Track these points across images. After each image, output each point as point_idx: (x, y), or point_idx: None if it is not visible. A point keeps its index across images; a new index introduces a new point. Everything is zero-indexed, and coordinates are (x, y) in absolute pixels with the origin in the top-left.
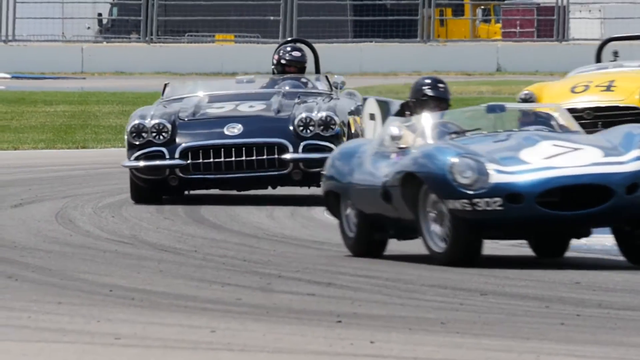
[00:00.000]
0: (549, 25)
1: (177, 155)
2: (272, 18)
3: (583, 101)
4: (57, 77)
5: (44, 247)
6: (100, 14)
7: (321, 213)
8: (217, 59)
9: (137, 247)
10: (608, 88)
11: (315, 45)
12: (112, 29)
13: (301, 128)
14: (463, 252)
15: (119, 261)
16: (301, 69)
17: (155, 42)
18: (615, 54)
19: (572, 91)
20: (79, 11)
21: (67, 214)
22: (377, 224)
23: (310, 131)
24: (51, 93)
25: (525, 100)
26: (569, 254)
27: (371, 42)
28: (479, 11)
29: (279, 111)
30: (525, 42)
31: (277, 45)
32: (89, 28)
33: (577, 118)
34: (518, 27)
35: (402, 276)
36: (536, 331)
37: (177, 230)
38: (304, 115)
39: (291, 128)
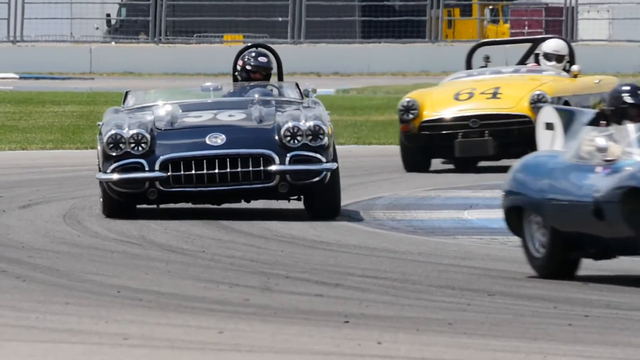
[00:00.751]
0: (558, 26)
1: (157, 167)
2: (280, 19)
3: (469, 109)
4: (65, 78)
5: (52, 248)
6: (108, 15)
7: None
8: (226, 60)
9: (145, 248)
10: (494, 95)
11: (324, 46)
12: (120, 30)
13: (288, 138)
14: None
15: (127, 262)
16: (267, 76)
17: (163, 43)
18: (487, 58)
19: (456, 98)
20: (87, 12)
21: (75, 215)
22: (573, 242)
23: (298, 141)
24: (59, 93)
25: (406, 108)
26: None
27: (379, 42)
28: (487, 11)
29: (261, 120)
30: None
31: (240, 49)
32: (97, 28)
33: (462, 126)
34: (526, 28)
35: (410, 277)
36: (544, 332)
37: (185, 231)
38: (290, 124)
39: (277, 138)
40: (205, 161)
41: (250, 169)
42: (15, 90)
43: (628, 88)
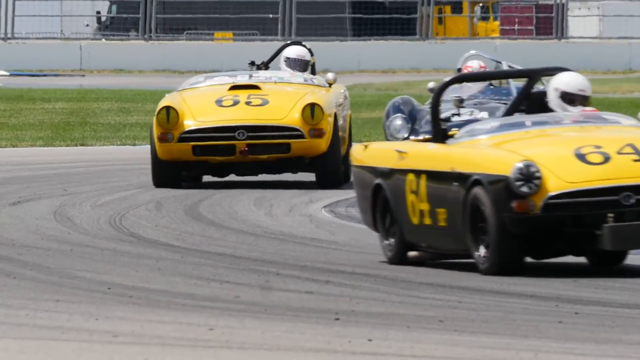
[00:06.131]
0: (548, 23)
1: None
2: (271, 16)
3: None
4: (55, 75)
5: (42, 245)
6: (99, 12)
7: (319, 210)
8: (216, 57)
9: (135, 245)
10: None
11: (314, 43)
12: (110, 27)
13: None
14: None
15: (117, 259)
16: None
17: (154, 40)
18: None
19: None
20: (77, 9)
21: (65, 212)
22: None
23: None
24: (50, 90)
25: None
26: None
27: (369, 39)
28: (477, 9)
29: None
30: (524, 40)
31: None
32: (87, 25)
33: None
34: (516, 25)
35: (400, 274)
36: (534, 329)
37: (176, 228)
38: None
39: None
40: None
41: None
42: (5, 87)
43: None
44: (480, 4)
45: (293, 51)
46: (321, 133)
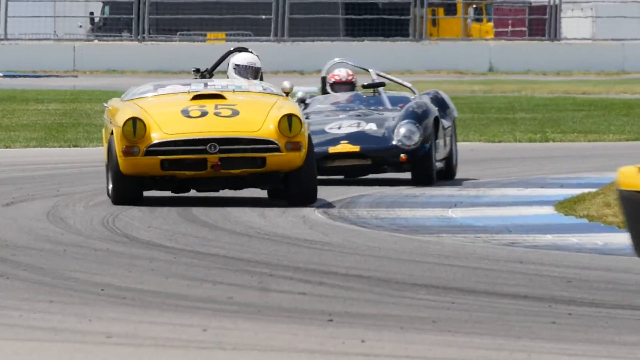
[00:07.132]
0: (541, 25)
1: None
2: (264, 17)
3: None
4: (49, 76)
5: (36, 246)
6: (92, 13)
7: (312, 212)
8: (209, 58)
9: (128, 246)
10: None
11: (307, 44)
12: (104, 28)
13: None
14: None
15: (111, 260)
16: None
17: (147, 41)
18: None
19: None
20: (71, 10)
21: (58, 213)
22: None
23: None
24: (43, 91)
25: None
26: (559, 252)
27: (363, 40)
28: (470, 10)
29: None
30: (517, 41)
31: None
32: (81, 26)
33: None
34: (510, 26)
35: (394, 275)
36: (527, 330)
37: (169, 229)
38: None
39: None
40: None
41: None
42: None
43: None
44: (474, 6)
45: (243, 58)
46: (299, 146)
